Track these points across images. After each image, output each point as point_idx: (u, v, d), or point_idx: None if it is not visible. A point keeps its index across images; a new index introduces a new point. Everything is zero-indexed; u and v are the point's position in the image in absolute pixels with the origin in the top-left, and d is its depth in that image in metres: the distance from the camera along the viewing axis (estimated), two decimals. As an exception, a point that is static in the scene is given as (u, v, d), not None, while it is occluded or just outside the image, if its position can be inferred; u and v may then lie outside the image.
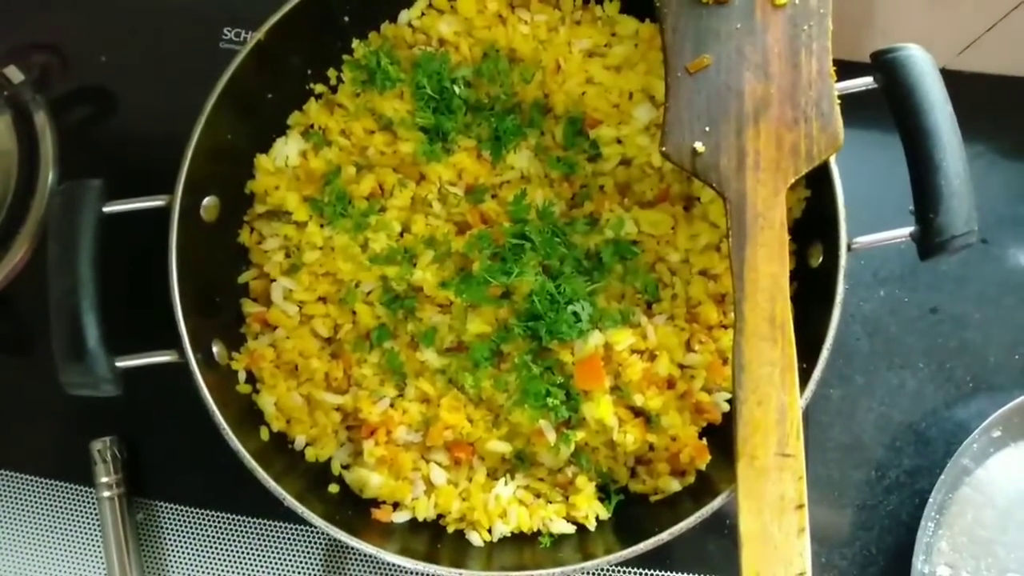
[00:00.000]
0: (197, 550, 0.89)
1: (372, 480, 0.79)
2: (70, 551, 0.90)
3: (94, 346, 0.71)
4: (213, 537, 0.89)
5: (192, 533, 0.89)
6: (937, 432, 0.90)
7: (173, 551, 0.89)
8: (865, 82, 0.75)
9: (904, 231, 0.73)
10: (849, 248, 0.73)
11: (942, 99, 0.72)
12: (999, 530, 0.85)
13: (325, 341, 0.84)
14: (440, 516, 0.80)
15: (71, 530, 0.90)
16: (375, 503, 0.80)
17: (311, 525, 0.72)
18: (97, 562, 0.89)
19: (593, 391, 0.77)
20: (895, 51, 0.74)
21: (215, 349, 0.80)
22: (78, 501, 0.90)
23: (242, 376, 0.82)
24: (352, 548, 0.72)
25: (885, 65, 0.74)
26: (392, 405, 0.81)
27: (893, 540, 0.87)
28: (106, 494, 0.86)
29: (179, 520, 0.90)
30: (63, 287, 0.71)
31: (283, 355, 0.82)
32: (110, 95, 1.02)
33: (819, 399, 0.90)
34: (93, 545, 0.89)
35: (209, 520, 0.89)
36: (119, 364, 0.73)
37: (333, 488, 0.80)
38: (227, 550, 0.89)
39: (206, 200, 0.80)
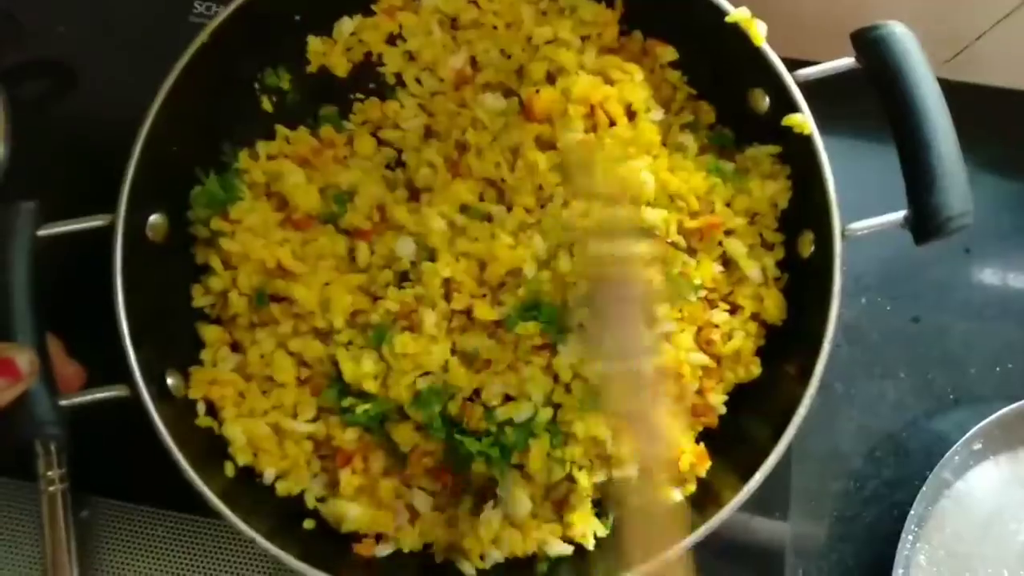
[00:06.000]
0: (145, 550, 0.82)
1: (351, 512, 0.73)
2: (4, 549, 0.82)
3: (34, 387, 0.64)
4: (162, 537, 0.82)
5: (140, 532, 0.82)
6: (917, 443, 0.88)
7: (118, 551, 0.82)
8: (847, 63, 0.73)
9: (898, 215, 0.70)
10: (843, 235, 0.70)
11: (928, 76, 0.69)
12: (978, 544, 0.83)
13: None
14: (427, 546, 0.74)
15: (6, 527, 0.82)
16: (355, 537, 0.74)
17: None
18: (33, 561, 0.82)
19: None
20: (876, 29, 0.71)
21: (170, 380, 0.73)
22: (16, 496, 0.82)
23: (201, 408, 0.75)
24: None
25: (867, 44, 0.71)
26: (368, 429, 0.75)
27: (871, 552, 0.84)
28: (49, 488, 0.76)
29: (126, 518, 0.82)
30: (-5, 322, 0.65)
31: (252, 380, 0.76)
32: (68, 69, 0.95)
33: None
34: (31, 543, 0.82)
35: (158, 519, 0.82)
36: (63, 403, 0.66)
37: (308, 524, 0.74)
38: (177, 551, 0.82)
39: (152, 218, 0.73)
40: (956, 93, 0.70)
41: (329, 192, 0.79)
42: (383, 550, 0.73)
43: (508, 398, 0.74)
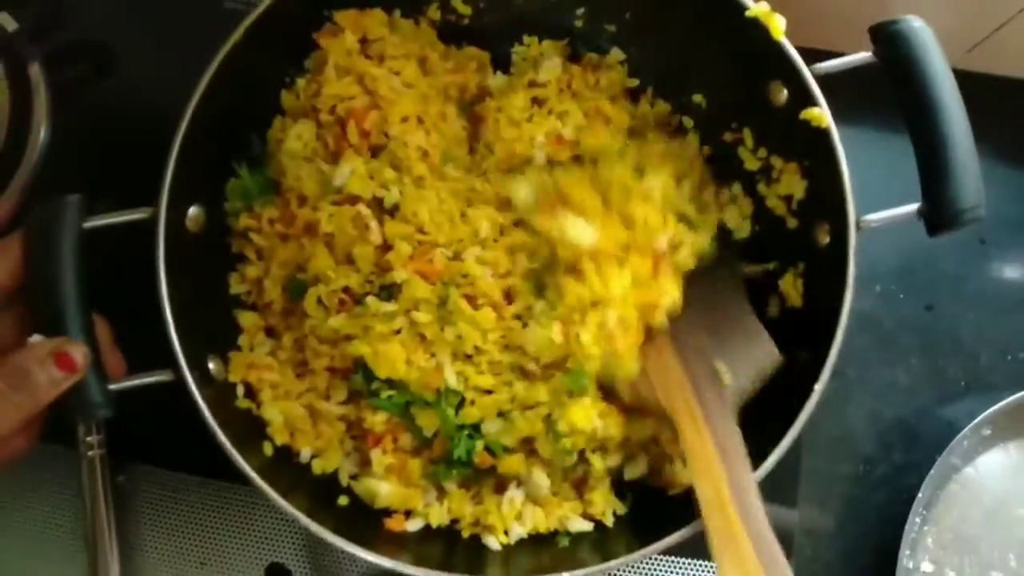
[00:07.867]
0: (179, 515, 0.86)
1: (382, 489, 0.76)
2: (46, 512, 0.86)
3: (85, 374, 0.68)
4: (195, 503, 0.86)
5: (174, 498, 0.86)
6: (927, 429, 0.90)
7: (154, 515, 0.86)
8: (865, 57, 0.74)
9: (912, 207, 0.72)
10: (858, 226, 0.72)
11: (945, 71, 0.70)
12: (984, 528, 0.86)
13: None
14: (454, 521, 0.78)
15: (48, 490, 0.86)
16: (387, 513, 0.78)
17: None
18: (71, 524, 0.86)
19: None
20: (895, 23, 0.72)
21: (211, 365, 0.76)
22: (56, 460, 0.85)
23: (240, 391, 0.79)
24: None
25: (885, 38, 0.72)
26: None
27: (879, 534, 0.87)
28: (88, 453, 0.80)
29: (161, 484, 0.86)
30: (48, 316, 0.67)
31: (287, 364, 0.79)
32: (109, 51, 0.97)
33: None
34: (71, 506, 0.86)
35: (192, 486, 0.86)
36: (112, 387, 0.70)
37: (343, 500, 0.78)
38: (210, 516, 0.86)
39: (191, 210, 0.76)
40: (972, 83, 0.71)
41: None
42: (413, 525, 0.77)
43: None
